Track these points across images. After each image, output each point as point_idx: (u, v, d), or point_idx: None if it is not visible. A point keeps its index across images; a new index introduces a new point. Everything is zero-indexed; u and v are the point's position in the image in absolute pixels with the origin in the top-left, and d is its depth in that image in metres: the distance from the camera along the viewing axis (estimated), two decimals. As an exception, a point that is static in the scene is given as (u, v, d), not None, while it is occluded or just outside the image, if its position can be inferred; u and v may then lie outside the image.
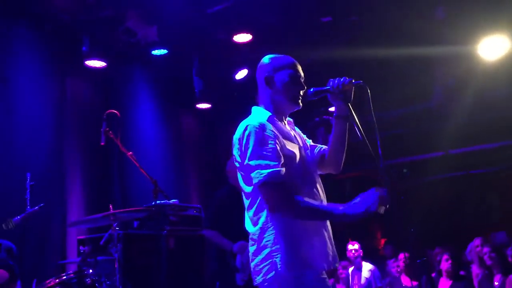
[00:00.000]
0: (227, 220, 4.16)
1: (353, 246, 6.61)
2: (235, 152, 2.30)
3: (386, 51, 5.88)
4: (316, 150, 2.52)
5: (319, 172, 2.52)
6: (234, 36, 5.88)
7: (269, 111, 2.39)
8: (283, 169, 2.17)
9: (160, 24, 5.67)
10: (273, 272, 2.15)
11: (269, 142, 2.22)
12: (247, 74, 6.68)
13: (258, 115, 2.38)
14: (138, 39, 5.75)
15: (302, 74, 2.46)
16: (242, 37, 5.90)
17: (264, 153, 2.19)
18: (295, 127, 2.55)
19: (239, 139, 2.28)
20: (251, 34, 5.87)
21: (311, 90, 2.41)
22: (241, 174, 2.31)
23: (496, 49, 6.17)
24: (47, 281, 3.41)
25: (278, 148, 2.22)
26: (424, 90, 7.61)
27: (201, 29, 5.95)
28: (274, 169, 2.16)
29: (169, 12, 5.55)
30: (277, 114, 2.40)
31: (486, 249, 5.00)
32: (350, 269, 6.68)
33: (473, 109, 7.69)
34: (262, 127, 2.25)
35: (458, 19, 5.64)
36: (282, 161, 2.20)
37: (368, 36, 5.98)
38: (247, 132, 2.24)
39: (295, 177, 2.27)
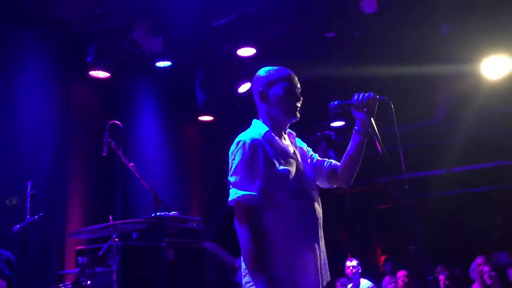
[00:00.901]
0: (230, 234, 4.14)
1: (351, 263, 6.56)
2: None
3: (389, 68, 5.90)
4: (326, 164, 2.50)
5: (327, 186, 2.51)
6: (238, 50, 5.91)
7: (267, 126, 2.38)
8: (257, 195, 2.19)
9: (165, 36, 5.71)
10: None
11: (256, 162, 2.23)
12: (250, 88, 6.71)
13: (256, 129, 2.38)
14: (142, 51, 5.79)
15: (299, 85, 2.44)
16: (246, 51, 5.93)
17: (246, 173, 2.22)
18: (297, 138, 2.54)
19: (231, 153, 2.32)
20: (255, 48, 5.90)
21: (335, 103, 2.40)
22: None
23: (499, 67, 6.19)
24: (45, 291, 3.39)
25: (265, 169, 2.23)
26: (427, 107, 7.62)
27: (206, 42, 5.99)
28: (251, 192, 2.19)
29: (174, 25, 5.59)
30: (275, 129, 2.39)
31: (486, 268, 4.96)
32: (349, 286, 6.63)
33: (475, 127, 7.69)
34: (252, 144, 2.26)
35: (461, 38, 5.67)
36: (262, 185, 2.21)
37: (371, 53, 6.02)
38: (237, 147, 2.28)
39: (287, 194, 2.26)
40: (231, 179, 2.25)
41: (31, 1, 5.16)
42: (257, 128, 2.38)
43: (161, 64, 6.05)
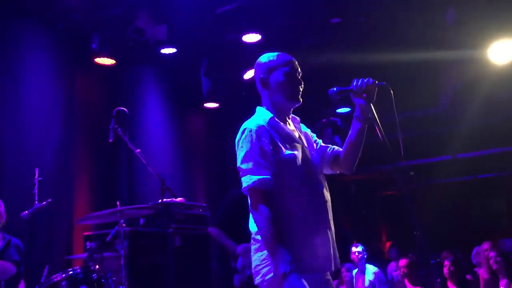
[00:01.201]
0: (234, 221, 4.17)
1: (356, 249, 6.59)
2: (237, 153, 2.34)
3: (395, 55, 5.87)
4: (328, 150, 2.50)
5: (330, 172, 2.52)
6: (243, 36, 5.88)
7: (271, 112, 2.39)
8: (271, 178, 2.20)
9: (169, 23, 5.69)
10: (272, 273, 2.16)
11: (265, 147, 2.24)
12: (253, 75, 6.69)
13: (260, 116, 2.39)
14: (147, 38, 5.78)
15: (299, 70, 2.44)
16: (251, 37, 5.90)
17: (257, 158, 2.22)
18: (302, 124, 2.54)
19: (237, 141, 2.32)
20: (260, 35, 5.87)
21: (335, 89, 2.39)
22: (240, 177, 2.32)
23: (505, 53, 6.15)
24: (54, 276, 3.44)
25: (273, 154, 2.24)
26: (433, 93, 7.59)
27: (210, 29, 5.97)
28: (265, 176, 2.20)
29: (178, 12, 5.58)
30: (278, 115, 2.40)
31: (492, 254, 4.98)
32: (354, 272, 6.67)
33: (481, 113, 7.66)
34: (259, 131, 2.27)
35: (467, 23, 5.62)
36: (273, 169, 2.22)
37: (377, 39, 5.98)
38: (244, 135, 2.28)
39: (294, 179, 2.28)
40: (243, 166, 2.25)
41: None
42: (261, 115, 2.39)
43: (165, 51, 6.05)
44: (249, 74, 6.65)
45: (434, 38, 5.78)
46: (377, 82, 2.34)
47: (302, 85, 2.43)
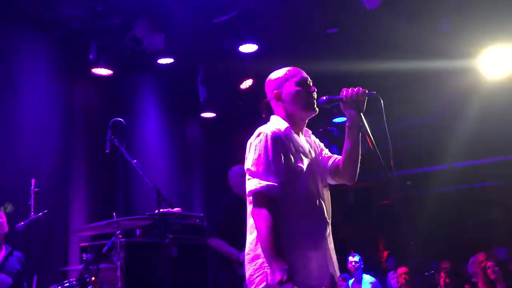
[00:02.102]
0: (232, 229, 4.15)
1: (353, 258, 6.58)
2: (246, 155, 2.33)
3: (390, 64, 5.90)
4: (330, 161, 2.51)
5: (333, 182, 2.52)
6: (240, 46, 5.91)
7: (287, 122, 2.40)
8: (278, 186, 2.21)
9: (167, 33, 5.71)
10: (264, 283, 2.16)
11: (277, 154, 2.24)
12: (252, 84, 6.70)
13: (276, 124, 2.40)
14: (144, 48, 5.78)
15: (309, 78, 2.47)
16: (248, 47, 5.93)
17: (269, 164, 2.23)
18: (312, 135, 2.55)
19: (250, 143, 2.32)
20: (257, 45, 5.90)
21: (324, 98, 2.41)
22: (247, 179, 2.31)
23: (499, 63, 6.19)
24: (49, 288, 3.42)
25: (283, 163, 2.25)
26: (429, 102, 7.62)
27: (207, 39, 5.99)
28: (273, 183, 2.20)
29: (175, 21, 5.59)
30: (293, 126, 2.42)
31: (490, 263, 4.98)
32: (351, 281, 6.65)
33: (477, 123, 7.68)
34: (275, 137, 2.28)
35: (462, 33, 5.66)
36: (282, 178, 2.23)
37: (372, 49, 6.01)
38: (258, 139, 2.29)
39: (298, 191, 2.28)
40: (253, 168, 2.25)
41: (31, 0, 5.16)
42: (277, 123, 2.40)
43: (163, 61, 6.06)
44: (246, 84, 6.67)
45: (429, 48, 5.81)
46: (367, 91, 2.34)
47: (315, 93, 2.44)
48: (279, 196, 2.20)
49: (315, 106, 2.42)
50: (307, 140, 2.49)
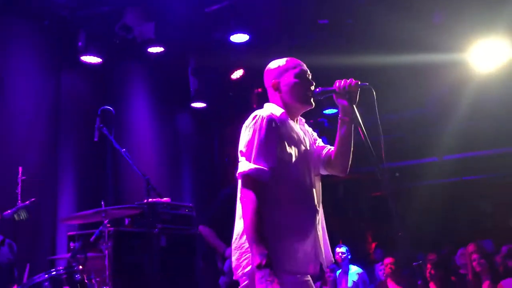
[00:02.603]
0: (226, 220, 4.15)
1: (340, 249, 6.62)
2: (241, 137, 2.33)
3: (382, 57, 5.90)
4: (324, 151, 2.51)
5: (325, 173, 2.51)
6: (231, 36, 5.87)
7: (283, 109, 2.40)
8: (270, 172, 2.19)
9: (157, 22, 5.66)
10: (250, 266, 2.16)
11: (271, 139, 2.24)
12: (243, 74, 6.68)
13: (272, 109, 2.38)
14: (134, 36, 5.73)
15: (309, 71, 2.46)
16: (239, 37, 5.90)
17: (261, 147, 2.22)
18: (305, 124, 2.55)
19: (246, 126, 2.31)
20: (248, 35, 5.87)
21: (317, 90, 2.41)
22: (239, 161, 2.31)
23: (490, 56, 6.21)
24: (36, 276, 3.40)
25: (276, 148, 2.24)
26: (420, 95, 7.64)
27: (198, 28, 5.95)
28: (264, 168, 2.18)
29: (166, 10, 5.54)
30: (289, 114, 2.41)
31: (475, 256, 5.03)
32: (338, 272, 6.69)
33: (467, 116, 7.72)
34: (270, 121, 2.26)
35: (453, 26, 5.67)
36: (273, 163, 2.22)
37: (364, 41, 6.00)
38: (254, 121, 2.28)
39: (289, 178, 2.28)
40: (244, 150, 2.25)
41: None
42: (273, 109, 2.39)
43: (153, 50, 6.00)
44: (236, 74, 6.64)
45: (421, 41, 5.81)
46: (360, 83, 2.34)
47: (313, 86, 2.43)
48: (268, 181, 2.19)
49: (312, 100, 2.42)
50: (301, 128, 2.49)
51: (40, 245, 5.06)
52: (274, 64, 2.49)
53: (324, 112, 8.38)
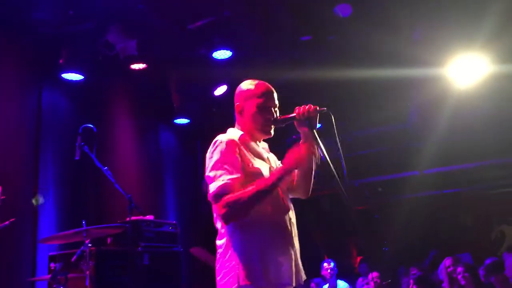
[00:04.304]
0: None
1: (329, 265, 6.61)
2: (206, 165, 2.36)
3: (363, 71, 5.97)
4: None
5: (290, 196, 2.55)
6: (214, 53, 5.89)
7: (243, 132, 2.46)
8: (235, 181, 2.22)
9: (140, 38, 5.65)
10: (236, 285, 2.18)
11: (233, 158, 2.28)
12: (226, 91, 6.69)
13: (232, 132, 2.46)
14: (117, 53, 5.71)
15: (276, 102, 2.50)
16: (222, 54, 5.92)
17: (226, 166, 2.26)
18: (271, 153, 2.59)
19: (209, 152, 2.36)
20: (231, 51, 5.89)
21: (278, 118, 2.47)
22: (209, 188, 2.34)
23: (469, 71, 6.33)
24: (16, 299, 3.31)
25: (240, 163, 2.28)
26: (400, 110, 7.73)
27: (181, 45, 5.95)
28: (228, 181, 2.22)
29: (149, 27, 5.54)
30: (251, 137, 2.47)
31: (460, 269, 5.05)
32: (324, 287, 6.66)
33: (447, 130, 7.82)
34: (230, 143, 2.31)
35: (433, 41, 5.77)
36: (239, 173, 2.25)
37: (345, 56, 6.07)
38: (214, 146, 2.33)
39: None
40: (211, 174, 2.27)
41: (1, 3, 5.03)
42: (233, 132, 2.47)
43: (136, 66, 5.98)
44: (220, 90, 6.64)
45: (402, 56, 5.90)
46: (318, 108, 2.39)
47: (276, 116, 2.46)
48: (235, 190, 2.20)
49: (270, 131, 2.48)
50: (263, 148, 2.54)
51: (20, 266, 4.93)
52: (245, 85, 2.54)
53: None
